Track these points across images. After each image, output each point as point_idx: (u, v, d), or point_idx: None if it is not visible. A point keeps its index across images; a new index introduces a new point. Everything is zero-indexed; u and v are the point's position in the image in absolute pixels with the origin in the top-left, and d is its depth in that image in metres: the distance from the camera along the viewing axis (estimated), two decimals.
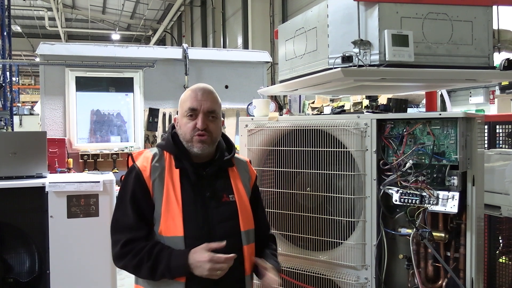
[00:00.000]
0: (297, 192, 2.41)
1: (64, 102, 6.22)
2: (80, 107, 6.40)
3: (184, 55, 6.66)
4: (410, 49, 2.06)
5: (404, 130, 2.09)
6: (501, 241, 2.98)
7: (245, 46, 14.16)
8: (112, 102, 6.71)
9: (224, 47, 16.85)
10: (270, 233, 1.99)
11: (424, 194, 2.00)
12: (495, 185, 2.54)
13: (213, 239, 1.64)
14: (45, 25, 21.73)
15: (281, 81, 2.68)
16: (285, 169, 2.43)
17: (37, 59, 6.28)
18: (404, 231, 2.12)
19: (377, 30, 2.07)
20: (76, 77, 6.32)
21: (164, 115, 6.68)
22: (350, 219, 2.22)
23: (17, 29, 20.66)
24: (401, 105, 2.83)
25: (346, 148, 2.21)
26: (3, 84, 9.70)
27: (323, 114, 3.06)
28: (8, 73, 10.60)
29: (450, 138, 1.99)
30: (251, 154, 2.52)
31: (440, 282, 2.11)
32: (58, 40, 21.72)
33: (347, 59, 2.06)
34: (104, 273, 3.07)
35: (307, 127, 2.32)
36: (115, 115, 6.73)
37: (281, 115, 2.64)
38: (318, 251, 2.34)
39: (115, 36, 23.86)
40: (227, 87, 6.92)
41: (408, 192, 2.03)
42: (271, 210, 2.46)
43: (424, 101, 3.45)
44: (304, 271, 2.35)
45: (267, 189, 2.48)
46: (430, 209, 1.99)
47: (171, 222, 1.65)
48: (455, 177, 1.96)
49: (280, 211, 2.45)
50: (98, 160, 6.28)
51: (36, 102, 15.96)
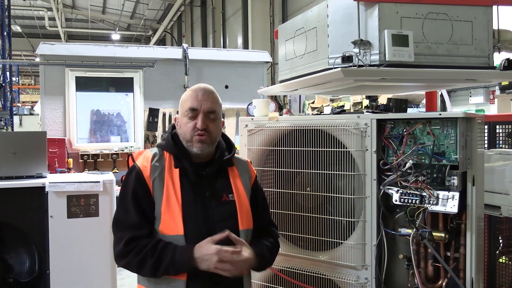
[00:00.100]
0: (297, 192, 2.41)
1: (64, 102, 6.21)
2: (80, 107, 6.38)
3: (184, 55, 6.65)
4: (410, 49, 2.05)
5: (404, 130, 2.09)
6: (501, 241, 2.98)
7: (245, 46, 14.15)
8: (112, 102, 6.69)
9: (224, 47, 16.84)
10: (274, 231, 1.92)
11: (424, 194, 2.00)
12: (495, 185, 2.54)
13: None
14: (45, 25, 21.72)
15: (281, 81, 2.68)
16: (285, 169, 2.43)
17: (37, 59, 6.27)
18: (404, 231, 2.11)
19: (377, 30, 2.07)
20: (76, 77, 6.30)
21: (164, 115, 6.67)
22: (350, 219, 2.22)
23: (17, 29, 20.66)
24: (401, 105, 2.83)
25: (346, 148, 2.21)
26: (3, 84, 9.70)
27: (323, 114, 3.06)
28: (8, 73, 10.61)
29: (450, 138, 1.99)
30: (251, 154, 2.52)
31: (440, 282, 2.11)
32: (58, 40, 21.71)
33: (347, 59, 2.06)
34: (104, 273, 3.07)
35: (307, 127, 2.32)
36: (115, 115, 6.72)
37: (281, 115, 2.64)
38: (318, 251, 2.34)
39: (115, 36, 23.86)
40: (227, 87, 6.91)
41: (408, 192, 2.03)
42: (271, 210, 2.45)
43: (424, 101, 3.45)
44: (304, 271, 2.35)
45: (267, 189, 2.47)
46: (430, 209, 1.99)
47: (171, 221, 1.65)
48: (455, 177, 1.96)
49: (280, 211, 2.45)
50: (98, 160, 6.27)
51: (36, 102, 15.95)
